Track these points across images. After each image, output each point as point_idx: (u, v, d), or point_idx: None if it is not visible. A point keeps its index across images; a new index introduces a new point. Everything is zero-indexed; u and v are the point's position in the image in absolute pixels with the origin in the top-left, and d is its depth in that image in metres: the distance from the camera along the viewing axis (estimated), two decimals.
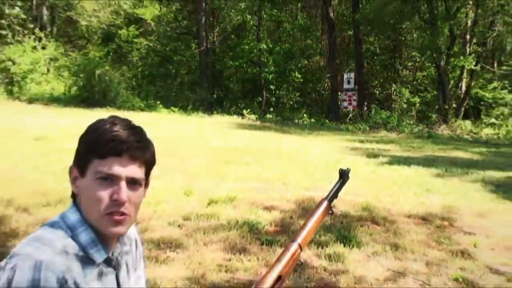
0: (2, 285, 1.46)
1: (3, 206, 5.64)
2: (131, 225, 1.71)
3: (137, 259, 1.89)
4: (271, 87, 23.70)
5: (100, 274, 1.64)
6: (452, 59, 22.24)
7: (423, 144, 15.20)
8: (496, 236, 5.76)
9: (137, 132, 1.65)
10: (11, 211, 5.54)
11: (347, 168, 2.21)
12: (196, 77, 25.18)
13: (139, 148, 1.62)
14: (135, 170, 1.62)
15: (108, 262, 1.67)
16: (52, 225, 1.63)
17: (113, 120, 1.64)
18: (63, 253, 1.55)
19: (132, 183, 1.62)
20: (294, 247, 2.02)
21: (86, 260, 1.59)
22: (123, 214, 1.60)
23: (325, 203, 2.12)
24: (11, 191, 6.17)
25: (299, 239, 2.04)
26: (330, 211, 2.14)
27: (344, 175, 2.19)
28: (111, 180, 1.58)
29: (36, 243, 1.55)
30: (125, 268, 1.79)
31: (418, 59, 26.84)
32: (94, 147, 1.58)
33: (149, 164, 1.68)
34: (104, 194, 1.57)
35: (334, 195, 2.15)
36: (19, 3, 24.71)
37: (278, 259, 1.99)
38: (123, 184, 1.59)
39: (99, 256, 1.62)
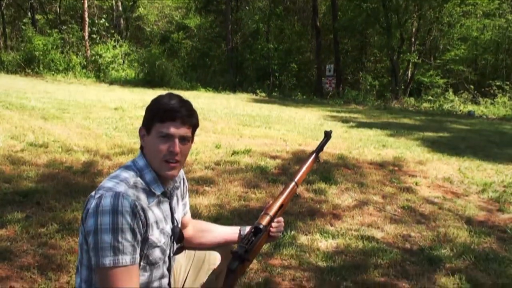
0: (92, 208, 1.49)
1: (92, 154, 5.62)
2: (181, 169, 1.72)
3: (184, 191, 1.91)
4: (276, 74, 23.56)
5: (159, 202, 1.66)
6: (402, 55, 22.06)
7: (381, 113, 15.05)
8: (431, 177, 5.69)
9: (186, 104, 1.66)
10: (98, 158, 5.52)
11: (330, 130, 2.14)
12: (225, 67, 25.04)
13: (188, 116, 1.62)
14: (185, 131, 1.62)
15: (164, 194, 1.68)
16: (126, 167, 1.66)
17: (170, 95, 1.64)
18: (134, 187, 1.57)
19: (183, 140, 1.62)
20: (292, 184, 1.99)
21: (149, 193, 1.61)
22: (176, 161, 1.61)
23: (314, 154, 2.06)
24: (98, 144, 6.15)
25: (296, 179, 2.01)
26: (317, 160, 2.08)
27: (327, 135, 2.13)
28: (168, 137, 1.59)
29: (115, 179, 1.58)
30: (176, 198, 1.80)
31: (378, 55, 26.71)
32: (157, 114, 1.59)
33: (194, 126, 1.69)
34: (164, 147, 1.59)
35: (320, 148, 2.09)
36: (104, 16, 24.77)
37: (281, 193, 1.96)
38: (176, 140, 1.60)
39: (158, 190, 1.64)
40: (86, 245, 1.54)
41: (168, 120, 1.58)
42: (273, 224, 1.92)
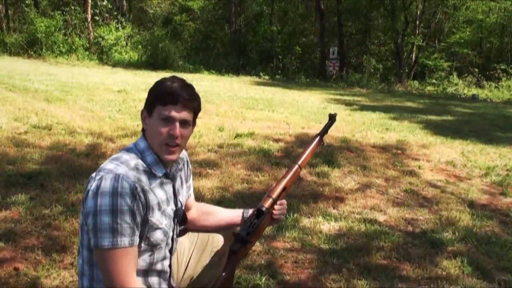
0: (92, 190, 1.49)
1: (95, 137, 5.62)
2: (181, 152, 1.70)
3: (188, 174, 1.90)
4: (280, 57, 23.40)
5: (161, 184, 1.65)
6: (406, 38, 21.90)
7: (384, 97, 14.98)
8: (434, 161, 5.68)
9: (189, 88, 1.64)
10: (101, 140, 5.52)
11: (335, 113, 2.13)
12: (228, 50, 24.87)
13: (189, 100, 1.61)
14: (186, 115, 1.61)
15: (166, 176, 1.68)
16: (128, 150, 1.65)
17: (173, 79, 1.62)
18: (135, 169, 1.56)
19: (184, 123, 1.61)
20: (295, 167, 1.99)
21: (151, 174, 1.60)
22: (176, 145, 1.60)
23: (318, 137, 2.04)
24: (101, 126, 6.15)
25: (299, 162, 2.00)
26: (321, 143, 2.07)
27: (332, 118, 2.12)
28: (169, 121, 1.57)
29: (116, 161, 1.57)
30: (179, 180, 1.80)
31: (382, 38, 26.45)
32: (158, 97, 1.58)
33: (196, 110, 1.68)
34: (164, 130, 1.58)
35: (324, 132, 2.08)
36: None
37: (284, 175, 1.96)
38: (177, 124, 1.58)
39: (159, 171, 1.63)
40: (87, 226, 1.54)
41: (169, 103, 1.57)
42: (276, 207, 1.91)
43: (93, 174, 1.56)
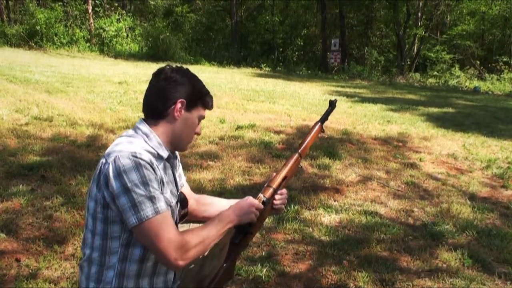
0: (112, 171, 1.48)
1: (96, 128, 5.62)
2: None
3: (177, 162, 1.89)
4: (281, 48, 23.36)
5: (165, 167, 1.68)
6: (408, 30, 21.84)
7: (386, 89, 14.93)
8: (435, 153, 5.67)
9: None
10: (102, 132, 5.51)
11: (335, 99, 2.11)
12: (229, 41, 24.79)
13: None
14: None
15: (168, 159, 1.70)
16: (131, 134, 1.66)
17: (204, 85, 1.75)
18: (142, 150, 1.57)
19: None
20: (296, 155, 1.97)
21: (157, 156, 1.62)
22: None
23: (319, 124, 2.03)
24: (102, 118, 6.14)
25: (300, 150, 1.98)
26: (322, 130, 2.06)
27: (332, 104, 2.10)
28: (200, 121, 1.74)
29: (123, 143, 1.57)
30: (174, 167, 1.81)
31: (384, 30, 26.38)
32: (203, 98, 1.72)
33: None
34: (196, 129, 1.74)
35: (325, 118, 2.06)
36: None
37: (285, 164, 1.95)
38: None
39: (164, 153, 1.66)
40: (102, 214, 1.54)
41: (209, 108, 1.74)
42: (277, 197, 1.89)
43: (103, 159, 1.54)
